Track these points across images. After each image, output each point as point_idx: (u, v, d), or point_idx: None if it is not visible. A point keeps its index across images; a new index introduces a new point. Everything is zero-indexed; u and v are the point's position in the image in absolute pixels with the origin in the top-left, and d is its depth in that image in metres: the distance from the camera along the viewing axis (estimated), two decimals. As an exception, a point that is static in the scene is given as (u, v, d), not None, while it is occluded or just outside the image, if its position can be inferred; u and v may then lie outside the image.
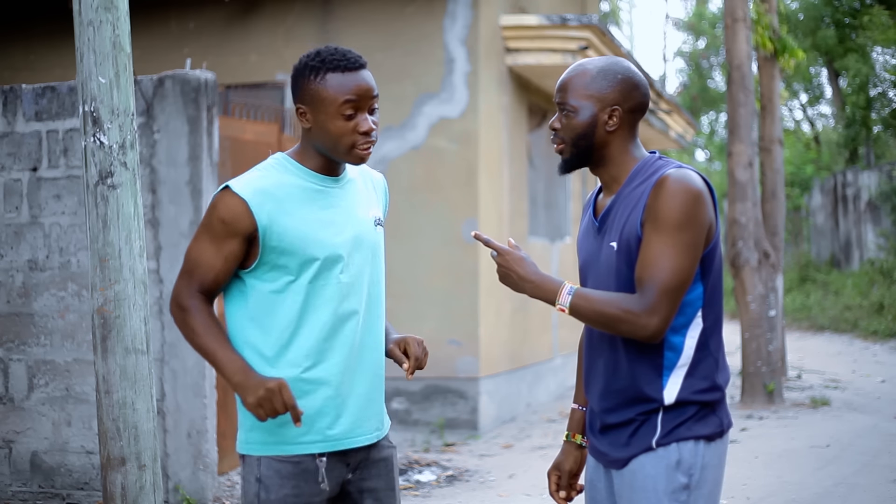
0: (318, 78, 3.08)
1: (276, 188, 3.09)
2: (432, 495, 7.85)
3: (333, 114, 3.07)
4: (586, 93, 3.10)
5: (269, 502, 3.07)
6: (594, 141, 3.10)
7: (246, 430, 3.13)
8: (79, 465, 7.19)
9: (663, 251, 2.95)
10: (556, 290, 3.02)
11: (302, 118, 3.13)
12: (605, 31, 11.31)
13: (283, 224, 3.06)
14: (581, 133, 3.10)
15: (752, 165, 11.94)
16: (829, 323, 21.13)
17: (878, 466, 8.34)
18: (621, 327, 2.97)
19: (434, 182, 10.49)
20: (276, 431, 3.08)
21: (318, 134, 3.11)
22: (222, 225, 3.06)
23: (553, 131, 3.16)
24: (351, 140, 3.09)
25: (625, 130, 3.12)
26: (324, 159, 3.17)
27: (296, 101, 3.15)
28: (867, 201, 25.37)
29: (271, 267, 3.08)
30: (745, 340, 11.85)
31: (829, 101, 34.71)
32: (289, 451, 3.09)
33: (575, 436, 3.35)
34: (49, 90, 7.28)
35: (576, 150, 3.12)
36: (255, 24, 10.98)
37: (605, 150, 3.12)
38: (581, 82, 3.11)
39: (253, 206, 3.04)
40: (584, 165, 3.17)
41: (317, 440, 3.10)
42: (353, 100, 3.07)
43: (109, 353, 4.76)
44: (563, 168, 3.19)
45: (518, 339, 11.54)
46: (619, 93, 3.10)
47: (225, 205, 3.06)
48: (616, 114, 3.09)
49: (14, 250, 7.29)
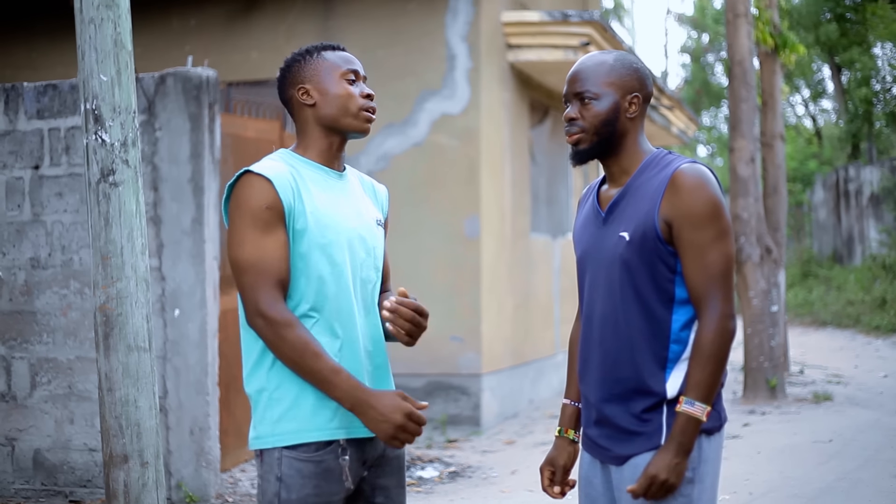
0: (315, 56, 3.20)
1: (292, 172, 3.10)
2: (435, 491, 7.86)
3: (338, 79, 3.17)
4: (608, 80, 3.12)
5: (289, 502, 3.03)
6: (616, 128, 3.12)
7: (271, 423, 3.06)
8: (81, 462, 7.20)
9: (710, 247, 3.01)
10: (695, 423, 2.98)
11: (305, 96, 3.17)
12: (607, 27, 11.31)
13: (300, 207, 3.06)
14: (605, 119, 3.11)
15: (754, 161, 11.93)
16: (831, 318, 21.13)
17: (880, 461, 8.34)
18: (727, 347, 3.01)
19: (436, 178, 10.49)
20: (307, 419, 3.04)
21: (324, 104, 3.16)
22: (268, 212, 3.01)
23: (570, 121, 3.15)
24: (359, 103, 3.17)
25: (640, 120, 3.17)
26: (325, 148, 3.19)
27: (293, 87, 3.19)
28: (869, 196, 25.37)
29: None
30: (748, 336, 11.85)
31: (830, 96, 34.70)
32: (318, 438, 3.03)
33: (567, 431, 3.35)
34: (51, 88, 7.28)
35: (598, 137, 3.13)
36: (257, 21, 10.98)
37: (623, 138, 3.14)
38: (601, 70, 3.14)
39: (279, 187, 3.03)
40: (600, 155, 3.17)
41: (343, 426, 3.07)
42: (353, 69, 3.20)
43: (112, 350, 4.77)
44: (579, 158, 3.18)
45: (520, 336, 11.55)
46: (637, 81, 3.15)
47: (260, 191, 3.01)
48: (636, 101, 3.14)
49: (16, 248, 7.30)
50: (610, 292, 3.11)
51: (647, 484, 2.97)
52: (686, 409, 2.97)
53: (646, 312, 3.06)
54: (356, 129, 3.19)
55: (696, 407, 2.97)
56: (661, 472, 2.96)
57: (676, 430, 2.98)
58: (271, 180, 3.02)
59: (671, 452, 2.97)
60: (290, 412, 3.05)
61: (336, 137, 3.20)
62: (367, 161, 10.50)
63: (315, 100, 3.16)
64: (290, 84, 3.19)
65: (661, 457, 2.98)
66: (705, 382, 2.98)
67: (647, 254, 3.05)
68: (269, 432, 3.08)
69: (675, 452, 2.97)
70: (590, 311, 3.18)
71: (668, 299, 3.06)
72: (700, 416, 2.97)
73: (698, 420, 2.97)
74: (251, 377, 3.12)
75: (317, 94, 3.16)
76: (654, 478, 2.96)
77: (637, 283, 3.06)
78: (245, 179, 3.05)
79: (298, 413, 3.05)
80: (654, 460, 2.98)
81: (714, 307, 3.00)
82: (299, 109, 3.19)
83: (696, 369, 2.99)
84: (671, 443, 2.98)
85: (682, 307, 3.06)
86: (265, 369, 3.09)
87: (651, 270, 3.05)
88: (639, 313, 3.06)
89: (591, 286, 3.18)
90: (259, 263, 3.00)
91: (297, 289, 3.06)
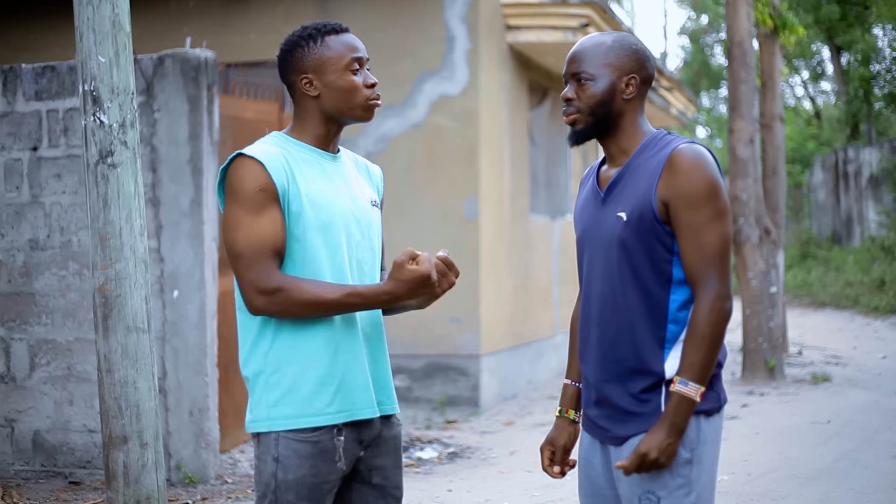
0: (318, 43, 3.14)
1: (284, 155, 3.09)
2: (434, 472, 7.87)
3: (342, 71, 3.13)
4: (604, 61, 3.12)
5: (286, 482, 3.03)
6: (612, 109, 3.12)
7: (267, 407, 3.07)
8: (81, 443, 7.21)
9: (707, 227, 3.01)
10: (688, 403, 2.98)
11: (308, 87, 3.14)
12: (606, 8, 11.28)
13: (294, 189, 3.05)
14: (600, 100, 3.11)
15: (753, 142, 11.93)
16: (830, 299, 21.15)
17: (879, 442, 8.36)
18: (723, 327, 3.02)
19: (435, 160, 10.48)
20: (305, 404, 3.04)
21: (329, 97, 3.14)
22: (261, 194, 3.01)
23: (567, 102, 3.16)
24: (365, 93, 3.15)
25: (638, 101, 3.17)
26: (322, 134, 3.17)
27: (295, 74, 3.15)
28: (868, 178, 25.36)
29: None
30: (747, 317, 11.86)
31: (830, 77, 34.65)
32: (316, 423, 3.04)
33: (568, 411, 3.35)
34: (49, 69, 7.27)
35: (593, 118, 3.13)
36: (255, 2, 10.95)
37: (620, 119, 3.14)
38: (599, 51, 3.13)
39: (271, 170, 3.02)
40: (597, 136, 3.17)
41: (343, 409, 3.07)
42: (358, 56, 3.15)
43: (111, 331, 4.78)
44: (575, 139, 3.19)
45: (519, 317, 11.56)
46: (636, 62, 3.14)
47: (253, 173, 3.01)
48: (633, 82, 3.13)
49: (15, 230, 7.30)
50: (608, 272, 3.11)
51: (637, 462, 2.98)
52: (679, 389, 2.98)
53: (643, 293, 3.06)
54: (360, 118, 3.19)
55: (689, 387, 2.97)
56: (651, 451, 2.97)
57: (669, 409, 2.98)
58: (264, 163, 3.01)
59: (663, 432, 2.97)
60: (288, 396, 3.05)
61: (335, 125, 3.20)
62: (366, 143, 10.49)
63: (319, 91, 3.14)
64: (293, 70, 3.16)
65: (652, 436, 2.98)
66: (700, 363, 2.98)
67: (644, 234, 3.05)
68: (266, 416, 3.08)
69: (668, 432, 2.97)
70: (589, 291, 3.18)
71: (665, 279, 3.06)
72: (693, 396, 2.97)
73: (691, 400, 2.97)
74: (248, 360, 3.11)
75: (321, 86, 3.13)
76: (645, 456, 2.97)
77: (635, 263, 3.06)
78: (238, 162, 3.04)
79: (296, 397, 3.04)
80: (645, 439, 2.99)
81: (710, 288, 3.00)
82: (301, 98, 3.17)
83: (691, 350, 2.99)
84: (663, 422, 2.98)
85: (679, 287, 3.06)
86: (262, 352, 3.08)
87: (648, 251, 3.05)
88: (636, 294, 3.07)
89: (590, 266, 3.18)
90: (254, 244, 3.00)
91: (293, 271, 3.06)
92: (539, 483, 7.14)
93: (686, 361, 2.99)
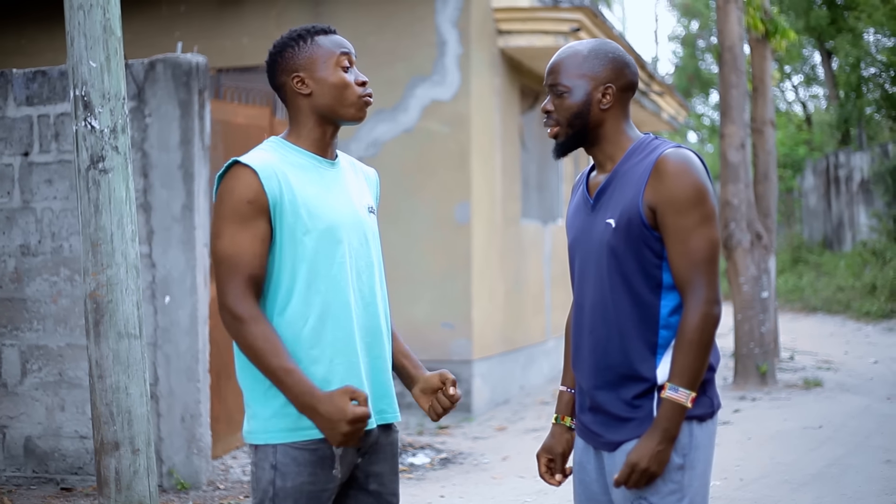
0: (308, 42, 3.14)
1: (280, 163, 3.07)
2: (426, 478, 7.86)
3: (333, 67, 3.12)
4: (579, 72, 3.11)
5: (284, 490, 3.00)
6: (589, 120, 3.11)
7: (264, 420, 3.04)
8: (73, 449, 7.19)
9: (694, 232, 2.99)
10: (679, 409, 2.97)
11: (300, 85, 3.12)
12: (597, 13, 11.30)
13: (288, 198, 3.03)
14: (576, 112, 3.11)
15: (745, 147, 11.95)
16: (821, 304, 21.18)
17: (870, 447, 8.37)
18: (711, 332, 2.99)
19: (426, 165, 10.48)
20: (301, 417, 3.00)
21: (321, 94, 3.12)
22: (248, 206, 2.99)
23: (546, 114, 3.16)
24: (356, 91, 3.14)
25: (618, 109, 3.14)
26: (319, 137, 3.16)
27: (287, 73, 3.14)
28: (859, 182, 25.41)
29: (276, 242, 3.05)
30: (738, 322, 11.87)
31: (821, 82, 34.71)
32: (312, 436, 3.00)
33: (564, 418, 3.34)
34: (40, 74, 7.26)
35: (571, 130, 3.13)
36: (247, 7, 10.95)
37: (600, 128, 3.13)
38: (573, 62, 3.12)
39: (264, 179, 3.00)
40: (579, 146, 3.17)
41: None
42: (347, 52, 3.15)
43: (102, 337, 4.77)
44: (559, 151, 3.19)
45: (511, 322, 11.56)
46: (612, 71, 3.12)
47: (244, 184, 2.99)
48: (610, 91, 3.11)
49: (6, 235, 7.28)
50: (599, 279, 3.11)
51: (628, 472, 2.97)
52: (670, 396, 2.97)
53: (634, 299, 3.06)
54: (353, 117, 3.16)
55: (679, 393, 2.97)
56: (641, 461, 2.96)
57: (661, 415, 2.98)
58: (258, 172, 3.00)
59: (654, 439, 2.97)
60: (285, 409, 3.01)
61: (330, 126, 3.18)
62: (358, 147, 10.49)
63: (311, 89, 3.12)
64: (284, 71, 3.15)
65: (643, 444, 2.98)
66: (689, 368, 2.98)
67: (633, 240, 3.04)
68: (263, 428, 3.05)
69: (659, 439, 2.96)
70: (581, 298, 3.18)
71: (655, 285, 3.05)
72: (684, 402, 2.97)
73: (682, 406, 2.97)
74: (245, 370, 3.09)
75: (312, 83, 3.12)
76: (636, 465, 2.96)
77: (624, 269, 3.06)
78: (232, 171, 3.03)
79: (292, 409, 3.01)
80: (636, 448, 2.98)
81: (698, 293, 2.99)
82: (293, 98, 3.15)
83: (680, 355, 2.99)
84: (655, 429, 2.97)
85: (670, 293, 3.05)
86: None
87: (638, 256, 3.05)
88: (627, 300, 3.06)
89: (581, 273, 3.18)
90: (232, 258, 2.98)
91: (290, 281, 3.04)
92: (531, 488, 7.14)
93: (676, 367, 2.98)
